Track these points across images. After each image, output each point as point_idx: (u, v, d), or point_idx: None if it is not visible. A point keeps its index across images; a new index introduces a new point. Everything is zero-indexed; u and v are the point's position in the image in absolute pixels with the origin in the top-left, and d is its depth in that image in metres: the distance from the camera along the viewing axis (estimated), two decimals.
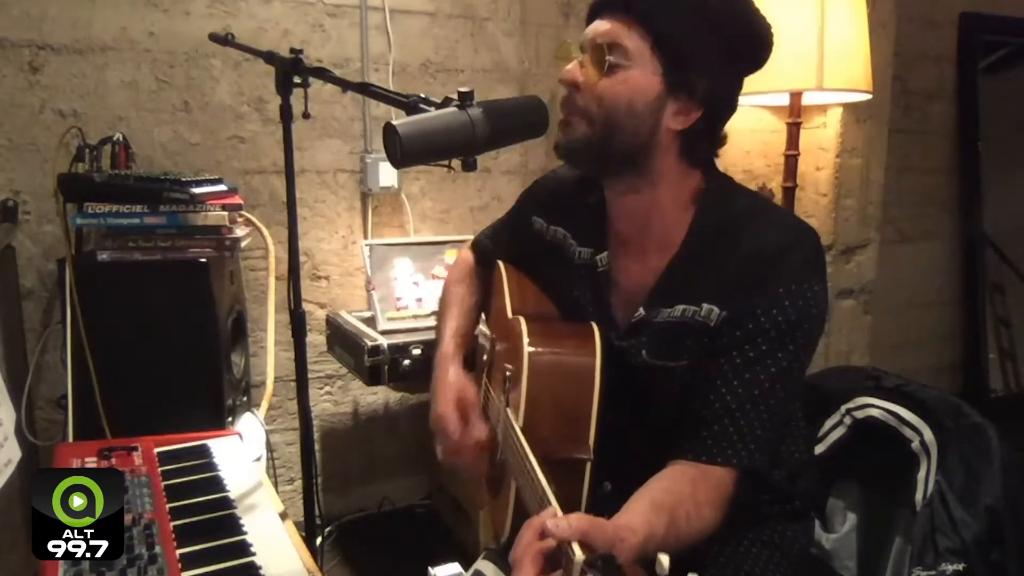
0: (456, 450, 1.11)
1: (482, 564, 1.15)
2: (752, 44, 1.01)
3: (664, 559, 0.58)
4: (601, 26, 0.99)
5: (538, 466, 0.85)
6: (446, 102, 0.92)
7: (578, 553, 0.66)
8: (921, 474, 1.14)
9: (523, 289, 1.21)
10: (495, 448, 1.11)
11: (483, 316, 1.35)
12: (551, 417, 0.98)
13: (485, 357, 1.27)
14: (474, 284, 1.35)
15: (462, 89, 0.91)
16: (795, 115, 2.14)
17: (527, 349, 1.01)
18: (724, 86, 1.00)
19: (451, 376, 1.17)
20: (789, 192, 2.19)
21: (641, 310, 1.03)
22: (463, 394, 1.13)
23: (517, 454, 0.94)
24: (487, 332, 1.31)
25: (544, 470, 0.84)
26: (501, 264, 1.26)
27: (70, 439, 1.61)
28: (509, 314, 1.15)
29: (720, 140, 1.05)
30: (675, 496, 0.90)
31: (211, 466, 1.33)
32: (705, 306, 0.99)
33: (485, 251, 1.35)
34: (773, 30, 1.01)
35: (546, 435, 0.94)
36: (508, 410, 1.03)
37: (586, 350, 1.01)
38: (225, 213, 1.71)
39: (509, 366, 1.07)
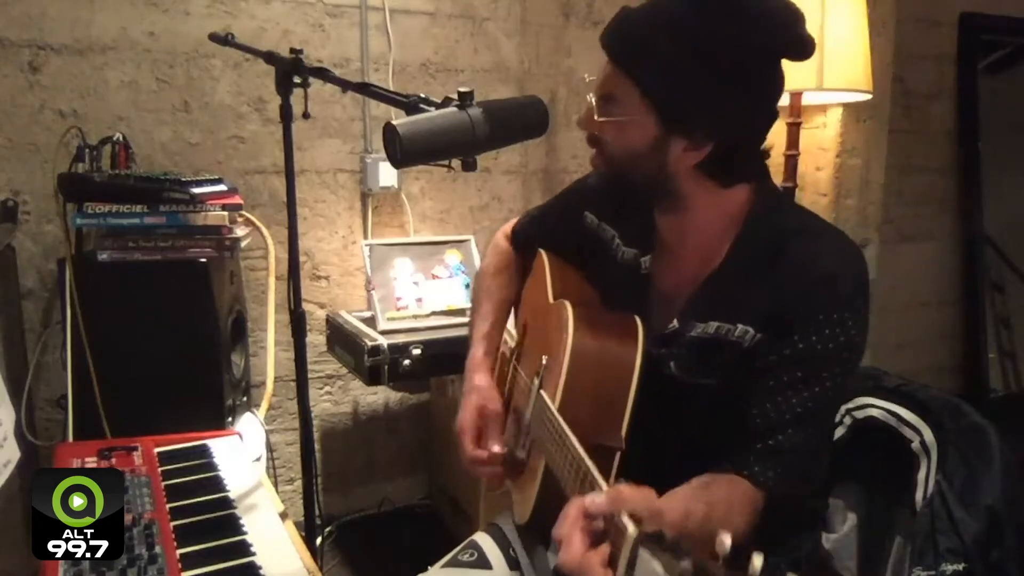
0: (471, 462, 1.13)
1: (480, 536, 1.15)
2: (751, 58, 0.93)
3: (726, 537, 0.56)
4: (601, 71, 0.99)
5: (582, 448, 0.85)
6: (446, 102, 0.92)
7: (630, 527, 0.64)
8: (921, 474, 1.14)
9: (565, 276, 1.20)
10: (514, 444, 1.12)
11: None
12: (588, 403, 0.98)
13: (514, 344, 1.27)
14: (510, 276, 1.33)
15: (462, 89, 0.92)
16: (795, 115, 2.14)
17: (571, 332, 1.01)
18: (732, 111, 0.94)
19: (476, 383, 1.18)
20: (789, 192, 2.19)
21: (675, 321, 1.02)
22: (485, 403, 1.14)
23: (554, 436, 0.94)
24: (512, 332, 1.31)
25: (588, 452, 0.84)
26: (543, 252, 1.25)
27: (70, 439, 1.61)
28: (551, 299, 1.15)
29: (758, 154, 1.01)
30: (712, 495, 0.90)
31: (211, 466, 1.33)
32: (740, 326, 0.97)
33: (526, 239, 1.32)
34: (775, 32, 0.94)
35: (580, 419, 0.93)
36: (543, 392, 1.03)
37: (628, 340, 1.01)
38: (225, 213, 1.71)
39: (546, 349, 1.07)
